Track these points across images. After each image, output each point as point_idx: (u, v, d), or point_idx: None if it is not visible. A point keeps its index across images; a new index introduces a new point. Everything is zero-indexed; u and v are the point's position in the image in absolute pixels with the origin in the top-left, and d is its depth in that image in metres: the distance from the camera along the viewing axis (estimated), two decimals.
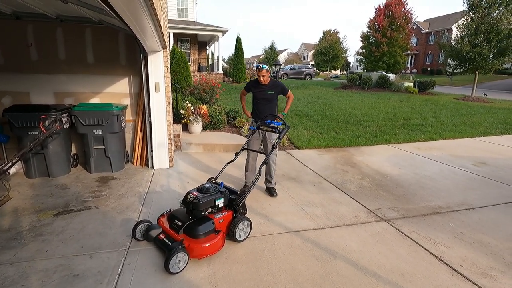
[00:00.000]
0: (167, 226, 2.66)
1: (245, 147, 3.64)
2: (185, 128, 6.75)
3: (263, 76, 3.68)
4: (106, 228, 2.95)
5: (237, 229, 2.72)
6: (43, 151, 4.09)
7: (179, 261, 2.33)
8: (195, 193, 2.63)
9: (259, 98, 3.85)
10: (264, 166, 3.32)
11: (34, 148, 3.84)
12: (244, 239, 2.81)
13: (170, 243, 2.47)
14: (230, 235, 2.71)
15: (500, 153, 6.15)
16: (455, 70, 16.85)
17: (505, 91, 20.35)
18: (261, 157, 3.81)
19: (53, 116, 3.85)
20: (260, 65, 3.75)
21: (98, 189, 3.91)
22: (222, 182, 2.96)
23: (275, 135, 3.62)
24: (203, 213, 2.59)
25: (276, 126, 3.45)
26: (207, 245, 2.45)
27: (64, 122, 4.06)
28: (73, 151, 4.75)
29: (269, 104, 3.84)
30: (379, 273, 2.41)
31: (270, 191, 3.92)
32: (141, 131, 4.91)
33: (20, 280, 2.20)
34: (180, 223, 2.56)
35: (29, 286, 2.14)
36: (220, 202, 2.71)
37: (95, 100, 4.86)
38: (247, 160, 3.90)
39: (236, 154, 3.34)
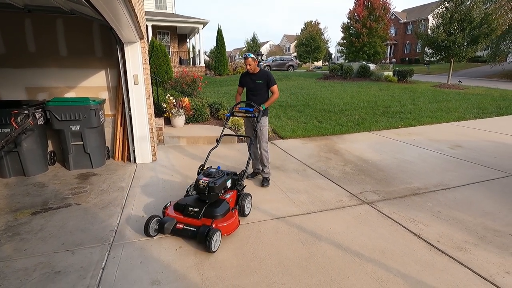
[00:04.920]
0: (180, 215, 2.69)
1: (223, 134, 3.62)
2: (168, 121, 6.63)
3: (249, 64, 3.70)
4: (88, 224, 2.88)
5: (245, 205, 3.01)
6: (17, 149, 3.90)
7: (216, 240, 2.47)
8: (206, 178, 2.70)
9: (249, 89, 3.86)
10: (256, 150, 3.51)
11: (7, 146, 3.67)
12: (249, 213, 3.10)
13: (194, 229, 2.55)
14: (239, 211, 2.94)
15: (473, 136, 6.44)
16: (432, 59, 17.41)
17: (478, 78, 21.24)
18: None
19: (25, 111, 3.67)
20: (246, 54, 3.74)
21: (78, 186, 3.79)
22: (219, 167, 3.05)
23: (264, 121, 3.77)
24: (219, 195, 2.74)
25: (250, 111, 3.53)
26: (230, 222, 2.65)
27: (38, 117, 3.88)
28: (50, 148, 4.56)
29: (259, 94, 3.81)
30: (362, 253, 2.50)
31: (262, 182, 3.92)
32: (121, 125, 4.78)
33: None
34: (197, 209, 2.65)
35: (7, 286, 2.06)
36: (229, 183, 2.94)
37: (70, 94, 4.67)
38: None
39: (217, 141, 3.42)
